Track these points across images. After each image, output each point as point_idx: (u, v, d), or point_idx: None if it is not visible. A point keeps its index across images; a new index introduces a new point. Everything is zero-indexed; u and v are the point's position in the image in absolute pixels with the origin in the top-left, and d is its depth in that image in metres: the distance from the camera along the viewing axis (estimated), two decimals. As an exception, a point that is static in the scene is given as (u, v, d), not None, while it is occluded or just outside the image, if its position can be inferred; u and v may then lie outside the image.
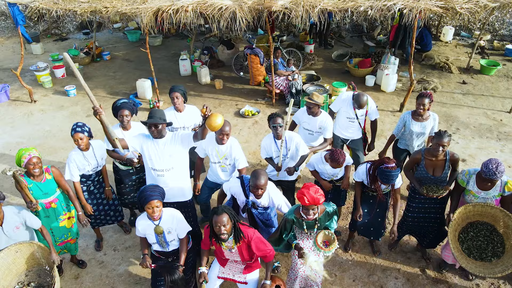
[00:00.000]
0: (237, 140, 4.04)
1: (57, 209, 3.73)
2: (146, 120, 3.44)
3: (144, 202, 3.04)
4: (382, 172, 3.47)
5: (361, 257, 4.41)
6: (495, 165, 3.24)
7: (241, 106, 7.94)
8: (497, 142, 6.59)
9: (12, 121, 7.59)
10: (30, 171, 3.45)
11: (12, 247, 3.30)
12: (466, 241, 3.70)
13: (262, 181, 3.25)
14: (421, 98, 4.26)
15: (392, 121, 7.32)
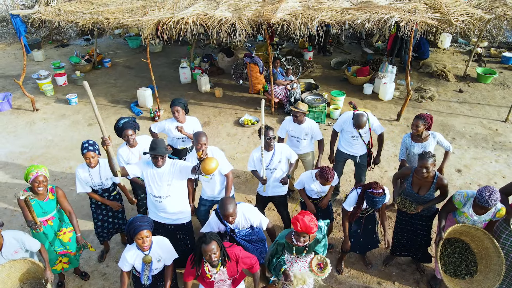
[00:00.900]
0: (218, 148, 4.15)
1: (53, 226, 3.82)
2: (149, 151, 3.52)
3: (134, 233, 3.08)
4: (368, 197, 3.58)
5: (357, 269, 4.52)
6: (488, 193, 3.28)
7: (240, 114, 8.05)
8: (492, 152, 6.70)
9: (15, 130, 7.70)
10: (35, 188, 3.55)
11: (6, 264, 3.39)
12: (443, 257, 3.82)
13: (230, 210, 3.33)
14: (416, 119, 4.34)
15: (389, 130, 7.43)
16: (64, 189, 5.93)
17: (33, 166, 3.61)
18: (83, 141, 4.04)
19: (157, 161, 3.49)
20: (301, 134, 4.95)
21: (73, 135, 7.49)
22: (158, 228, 3.87)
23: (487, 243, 3.57)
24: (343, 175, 5.99)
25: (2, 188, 6.05)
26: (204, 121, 7.87)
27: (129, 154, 4.29)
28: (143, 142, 4.35)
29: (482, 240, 3.61)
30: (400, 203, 3.95)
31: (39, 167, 3.59)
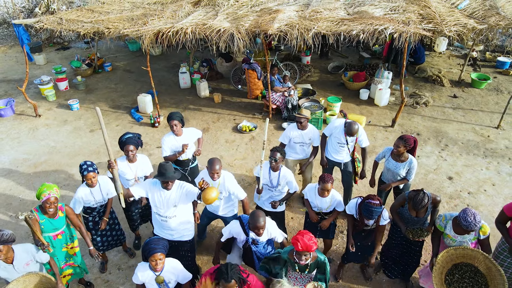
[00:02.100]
0: (231, 174, 4.30)
1: (61, 239, 4.01)
2: (158, 177, 3.65)
3: (148, 254, 3.26)
4: (365, 207, 3.74)
5: (350, 279, 4.72)
6: (472, 217, 3.40)
7: (239, 120, 8.23)
8: (483, 160, 6.89)
9: (18, 136, 7.87)
10: (46, 208, 3.71)
11: (20, 278, 3.56)
12: (452, 283, 3.80)
13: (262, 222, 3.51)
14: (398, 140, 4.42)
15: (384, 136, 7.61)
16: (68, 196, 6.16)
17: (46, 185, 3.74)
18: (81, 163, 4.18)
19: (167, 185, 3.66)
20: (305, 139, 5.18)
21: (75, 142, 7.66)
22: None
23: (488, 263, 3.63)
24: (335, 182, 6.18)
25: (7, 195, 6.23)
26: (204, 127, 8.04)
27: (126, 168, 4.45)
28: (142, 161, 4.53)
29: (484, 261, 3.67)
30: (413, 236, 3.94)
31: (51, 187, 3.73)
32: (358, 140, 5.18)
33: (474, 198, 5.97)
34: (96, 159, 7.09)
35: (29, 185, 6.44)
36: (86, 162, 4.17)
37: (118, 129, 8.06)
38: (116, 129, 8.06)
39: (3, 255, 3.36)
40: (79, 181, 6.49)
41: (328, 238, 4.59)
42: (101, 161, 7.02)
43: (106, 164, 6.79)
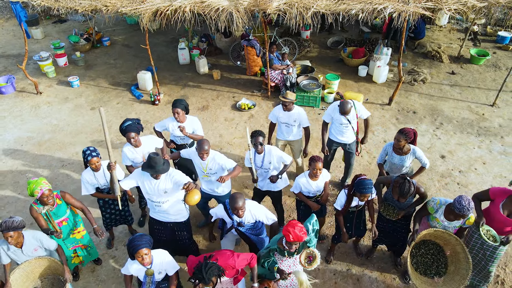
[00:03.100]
0: (217, 152, 4.46)
1: (67, 226, 4.22)
2: (147, 170, 3.76)
3: (133, 252, 3.32)
4: (359, 184, 3.90)
5: (342, 254, 5.01)
6: (467, 202, 3.58)
7: (238, 98, 8.33)
8: (476, 138, 7.06)
9: (21, 114, 8.00)
10: (45, 202, 3.88)
11: (32, 260, 3.84)
12: (416, 256, 4.19)
13: (240, 203, 3.69)
14: (398, 134, 4.49)
15: (381, 115, 7.74)
16: (72, 175, 6.38)
17: (33, 182, 3.82)
18: (84, 149, 4.33)
19: (156, 177, 3.82)
20: (290, 120, 5.35)
21: (77, 120, 7.80)
22: (158, 225, 4.23)
23: (458, 249, 3.92)
24: (335, 161, 6.39)
25: (14, 174, 6.45)
26: (203, 105, 8.16)
27: (133, 153, 4.63)
28: (147, 143, 4.69)
29: (454, 246, 3.96)
30: (383, 210, 4.29)
31: (38, 183, 3.81)
32: (359, 115, 5.32)
33: (464, 177, 6.20)
34: (98, 138, 7.26)
35: (35, 164, 6.65)
36: (89, 148, 4.32)
37: (119, 107, 8.18)
38: (117, 107, 8.18)
39: (14, 240, 3.60)
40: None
41: (322, 216, 4.83)
42: (103, 140, 7.19)
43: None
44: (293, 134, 5.52)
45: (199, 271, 3.21)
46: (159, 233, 4.26)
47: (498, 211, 3.79)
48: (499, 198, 3.82)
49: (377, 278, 4.74)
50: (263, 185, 4.80)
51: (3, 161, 6.73)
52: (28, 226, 5.38)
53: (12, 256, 3.78)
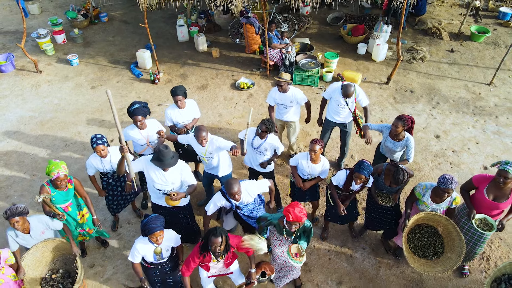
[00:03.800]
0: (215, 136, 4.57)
1: (72, 211, 4.39)
2: (156, 162, 3.89)
3: (149, 233, 3.54)
4: (359, 163, 4.10)
5: (336, 232, 5.25)
6: (450, 177, 3.80)
7: (237, 77, 8.37)
8: (471, 118, 7.18)
9: (22, 93, 8.08)
10: (57, 185, 4.06)
11: (39, 244, 4.04)
12: (413, 241, 4.38)
13: (235, 188, 3.85)
14: (396, 120, 4.57)
15: (378, 94, 7.82)
16: (75, 155, 6.55)
17: (54, 163, 3.99)
18: (92, 136, 4.45)
19: (165, 169, 3.97)
20: (286, 101, 5.47)
21: (78, 99, 7.89)
22: (162, 209, 4.40)
23: (450, 228, 4.11)
24: (331, 141, 6.54)
25: (18, 153, 6.62)
26: (202, 84, 8.22)
27: (137, 135, 4.76)
28: (151, 126, 4.82)
29: (446, 225, 4.15)
30: (381, 200, 4.42)
31: (59, 166, 3.98)
32: (357, 100, 5.42)
33: (457, 157, 6.37)
34: (99, 117, 7.38)
35: (39, 144, 6.80)
36: (96, 135, 4.43)
37: (119, 85, 8.24)
38: (117, 85, 8.24)
39: (20, 225, 3.77)
40: (85, 139, 6.85)
41: (316, 199, 5.03)
42: (105, 119, 7.32)
43: (109, 123, 7.13)
44: (290, 115, 5.65)
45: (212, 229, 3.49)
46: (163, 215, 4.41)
47: (483, 197, 3.97)
48: (482, 185, 4.00)
49: (369, 254, 5.01)
50: (255, 165, 4.98)
51: (7, 141, 6.88)
52: (34, 211, 5.60)
53: (22, 242, 3.97)
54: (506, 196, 3.88)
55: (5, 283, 3.73)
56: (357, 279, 4.78)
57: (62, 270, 4.35)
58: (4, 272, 3.73)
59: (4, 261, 3.73)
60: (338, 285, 4.71)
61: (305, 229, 3.94)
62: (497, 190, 3.90)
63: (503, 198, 3.90)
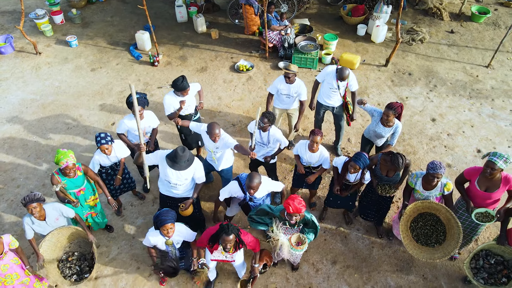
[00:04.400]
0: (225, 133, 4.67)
1: (84, 195, 4.58)
2: (170, 163, 4.01)
3: (160, 225, 3.72)
4: (356, 154, 4.27)
5: (331, 214, 5.45)
6: (438, 162, 3.97)
7: (236, 59, 8.40)
8: (467, 101, 7.27)
9: (22, 76, 8.12)
10: (66, 174, 4.21)
11: (54, 231, 4.25)
12: (416, 229, 4.50)
13: (254, 183, 3.96)
14: (387, 109, 4.69)
15: (376, 77, 7.87)
16: (78, 138, 6.69)
17: (62, 153, 4.13)
18: (96, 134, 4.54)
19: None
20: (291, 91, 5.53)
21: (78, 82, 7.95)
22: (170, 200, 4.52)
23: (449, 216, 4.25)
24: (328, 125, 6.66)
25: (22, 137, 6.74)
26: (202, 66, 8.25)
27: (134, 125, 4.80)
28: (149, 117, 4.91)
29: (445, 214, 4.28)
30: (381, 191, 4.53)
31: (67, 155, 4.13)
32: (349, 85, 5.54)
33: (452, 140, 6.50)
34: (100, 100, 7.46)
35: (41, 127, 6.91)
36: (100, 134, 4.51)
37: (119, 68, 8.27)
38: (116, 68, 8.28)
39: (38, 211, 3.96)
40: (87, 122, 6.97)
41: (314, 188, 5.21)
42: (105, 102, 7.41)
43: (110, 106, 7.23)
44: (293, 104, 5.74)
45: (226, 226, 3.62)
46: (171, 206, 4.52)
47: (476, 189, 4.11)
48: (474, 177, 4.13)
49: (363, 235, 5.22)
50: (258, 156, 5.08)
51: (10, 124, 6.99)
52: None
53: (38, 229, 4.17)
54: (497, 186, 4.02)
55: (9, 268, 3.94)
56: (351, 258, 5.01)
57: (77, 253, 4.59)
58: (8, 257, 3.92)
59: (8, 245, 3.92)
60: (333, 265, 4.95)
61: (306, 221, 4.07)
62: (487, 181, 4.03)
63: (494, 188, 4.04)
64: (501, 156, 3.80)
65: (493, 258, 4.23)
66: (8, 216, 5.52)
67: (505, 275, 4.12)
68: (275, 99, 5.77)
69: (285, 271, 4.88)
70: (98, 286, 4.75)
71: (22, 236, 5.20)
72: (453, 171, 6.01)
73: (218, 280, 4.78)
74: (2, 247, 3.83)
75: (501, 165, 3.79)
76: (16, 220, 5.47)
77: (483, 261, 4.25)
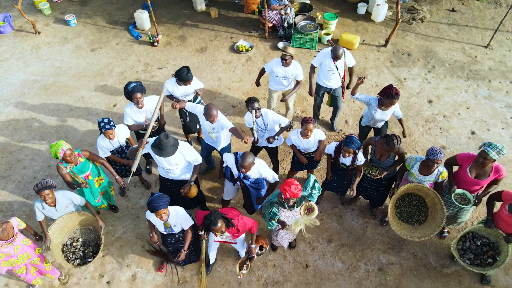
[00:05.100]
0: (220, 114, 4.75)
1: (92, 179, 4.75)
2: (155, 150, 4.11)
3: (153, 211, 3.83)
4: (347, 138, 4.38)
5: (328, 194, 5.66)
6: (437, 148, 4.09)
7: (235, 39, 8.39)
8: (465, 82, 7.34)
9: (23, 56, 8.15)
10: (68, 161, 4.35)
11: (64, 216, 4.45)
12: (400, 207, 4.77)
13: (246, 163, 4.09)
14: (393, 98, 4.71)
15: (375, 57, 7.91)
16: (80, 119, 6.81)
17: (53, 145, 4.25)
18: (99, 120, 4.64)
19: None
20: (287, 74, 5.62)
21: (79, 62, 7.99)
22: (169, 182, 4.70)
23: (436, 201, 4.47)
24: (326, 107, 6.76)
25: (25, 118, 6.87)
26: (201, 46, 8.26)
27: (136, 114, 4.96)
28: (149, 103, 4.99)
29: (433, 198, 4.50)
30: (366, 170, 4.73)
31: (59, 144, 4.24)
32: (346, 64, 5.64)
33: (447, 122, 6.63)
34: (101, 81, 7.54)
35: (44, 109, 7.03)
36: (103, 119, 4.61)
37: (119, 48, 8.29)
38: (116, 48, 8.29)
39: (50, 198, 4.15)
40: (89, 104, 7.08)
41: (312, 168, 5.38)
42: (106, 83, 7.49)
43: (111, 87, 7.32)
44: (289, 84, 5.83)
45: (208, 217, 3.74)
46: (170, 187, 4.75)
47: (466, 174, 4.28)
48: (466, 163, 4.28)
49: (357, 216, 5.45)
50: (260, 142, 5.18)
51: (13, 105, 7.10)
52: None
53: (47, 214, 4.37)
54: (487, 174, 4.20)
55: (21, 248, 4.18)
56: (346, 237, 5.26)
57: (81, 239, 4.81)
58: (18, 238, 4.15)
59: (17, 227, 4.14)
60: (328, 243, 5.20)
61: (302, 198, 4.24)
62: (479, 168, 4.20)
63: (484, 176, 4.22)
64: (494, 147, 3.93)
65: (479, 240, 4.46)
66: (16, 197, 5.74)
67: (490, 256, 4.36)
68: (270, 81, 5.86)
69: (283, 249, 5.13)
70: (105, 264, 5.03)
71: (30, 216, 5.48)
72: (446, 152, 6.17)
73: (219, 258, 5.04)
74: (12, 230, 4.05)
75: (493, 156, 3.93)
76: (24, 201, 5.69)
77: (469, 243, 4.49)
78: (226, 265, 5.00)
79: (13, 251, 4.09)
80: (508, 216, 4.01)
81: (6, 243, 3.99)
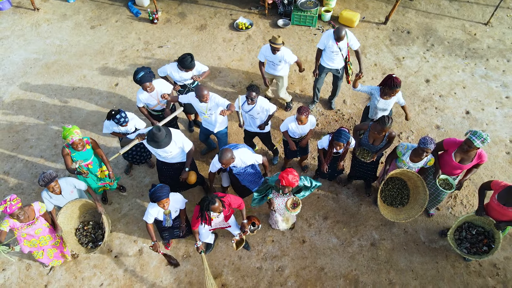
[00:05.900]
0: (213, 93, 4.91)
1: (93, 168, 4.92)
2: (153, 144, 4.29)
3: (156, 201, 4.06)
4: (337, 132, 4.57)
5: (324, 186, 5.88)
6: (429, 138, 4.27)
7: (235, 16, 8.37)
8: (463, 61, 7.40)
9: (23, 34, 8.16)
10: (74, 149, 4.52)
11: (68, 204, 4.66)
12: (384, 191, 5.04)
13: (223, 160, 4.21)
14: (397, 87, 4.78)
15: (375, 35, 7.92)
16: (83, 99, 6.95)
17: (66, 129, 4.41)
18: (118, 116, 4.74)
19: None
20: (275, 60, 5.80)
21: (79, 40, 8.01)
22: (166, 166, 4.89)
23: (419, 183, 4.70)
24: (325, 86, 6.87)
25: (29, 98, 6.99)
26: (201, 24, 8.25)
27: (148, 98, 5.12)
28: (159, 86, 5.12)
29: (416, 181, 4.73)
30: (359, 154, 4.94)
31: (71, 132, 4.39)
32: (349, 45, 5.71)
33: (443, 101, 6.76)
34: (102, 60, 7.60)
35: (47, 88, 7.14)
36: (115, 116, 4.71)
37: (118, 25, 8.28)
38: (116, 25, 8.29)
39: (57, 188, 4.37)
40: (91, 84, 7.18)
41: (305, 154, 5.57)
42: (107, 62, 7.56)
43: (112, 66, 7.39)
44: (279, 71, 5.96)
45: (205, 198, 3.99)
46: (168, 170, 4.96)
47: (451, 159, 4.48)
48: (452, 148, 4.47)
49: (352, 194, 5.70)
50: (251, 128, 5.39)
51: (16, 84, 7.21)
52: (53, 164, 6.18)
53: (55, 202, 4.58)
54: (471, 159, 4.41)
55: (42, 231, 4.44)
56: (341, 214, 5.53)
57: (92, 222, 5.08)
58: (40, 221, 4.40)
59: (38, 211, 4.37)
60: (324, 220, 5.48)
61: (298, 188, 4.47)
62: (463, 153, 4.40)
63: (468, 161, 4.43)
64: (479, 136, 4.11)
65: (474, 229, 4.70)
66: (25, 175, 5.97)
67: (485, 244, 4.61)
68: (266, 65, 6.02)
69: (281, 226, 5.41)
70: (113, 240, 5.32)
71: (39, 194, 5.71)
72: (441, 132, 6.34)
73: (220, 234, 5.33)
74: (34, 213, 4.29)
75: (478, 144, 4.12)
76: (33, 179, 5.92)
77: (465, 232, 4.74)
78: (227, 240, 5.30)
79: (33, 232, 4.35)
80: (498, 205, 4.23)
81: (25, 225, 4.24)
